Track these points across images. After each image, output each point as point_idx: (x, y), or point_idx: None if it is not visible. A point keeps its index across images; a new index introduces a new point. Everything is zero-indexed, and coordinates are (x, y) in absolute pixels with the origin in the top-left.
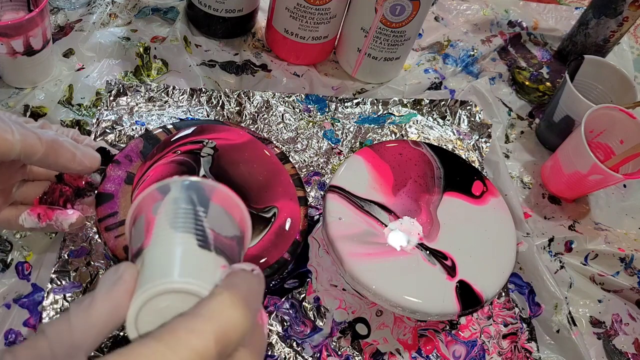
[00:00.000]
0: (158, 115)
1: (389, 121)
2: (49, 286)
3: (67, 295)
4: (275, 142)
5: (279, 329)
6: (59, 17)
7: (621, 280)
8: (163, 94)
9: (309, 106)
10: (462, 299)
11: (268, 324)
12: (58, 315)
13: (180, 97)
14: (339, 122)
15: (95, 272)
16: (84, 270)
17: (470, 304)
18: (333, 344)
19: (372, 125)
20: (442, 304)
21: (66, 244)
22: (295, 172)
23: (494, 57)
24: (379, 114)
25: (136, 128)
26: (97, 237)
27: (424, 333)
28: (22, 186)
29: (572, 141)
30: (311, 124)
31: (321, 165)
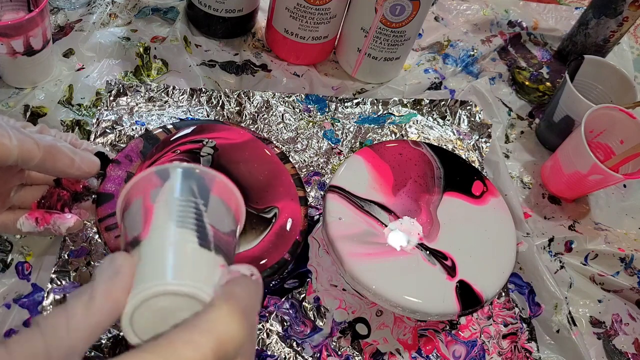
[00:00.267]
0: (158, 115)
1: (389, 121)
2: (49, 286)
3: (67, 295)
4: (275, 142)
5: (279, 329)
6: (59, 17)
7: (621, 280)
8: (163, 94)
9: (309, 106)
10: (462, 299)
11: (268, 323)
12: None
13: (180, 97)
14: (339, 122)
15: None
16: (84, 270)
17: (470, 304)
18: (333, 344)
19: (372, 125)
20: (442, 304)
21: (66, 244)
22: (295, 172)
23: (494, 57)
24: (379, 114)
25: (136, 128)
26: (97, 237)
27: (424, 333)
28: (20, 190)
29: (572, 141)
30: (311, 124)
31: (321, 165)
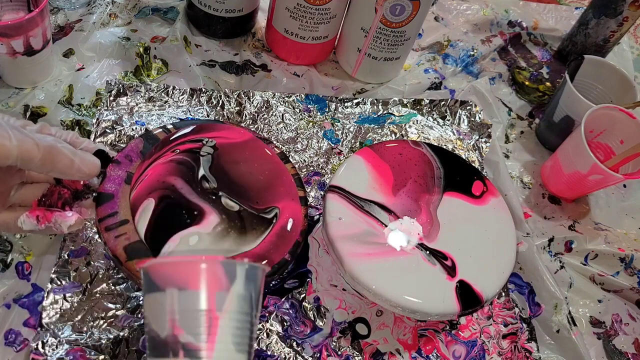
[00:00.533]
0: (158, 115)
1: (389, 121)
2: (49, 286)
3: (67, 295)
4: (275, 142)
5: (279, 329)
6: (59, 17)
7: (621, 280)
8: (163, 94)
9: (309, 106)
10: (462, 299)
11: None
12: (58, 314)
13: (180, 97)
14: (339, 122)
15: (95, 272)
16: (84, 270)
17: (470, 304)
18: (333, 344)
19: (372, 125)
20: (442, 304)
21: (66, 244)
22: (295, 172)
23: (494, 57)
24: (379, 114)
25: (136, 128)
26: (97, 237)
27: (424, 333)
28: (21, 189)
29: (572, 141)
30: (311, 124)
31: (321, 165)
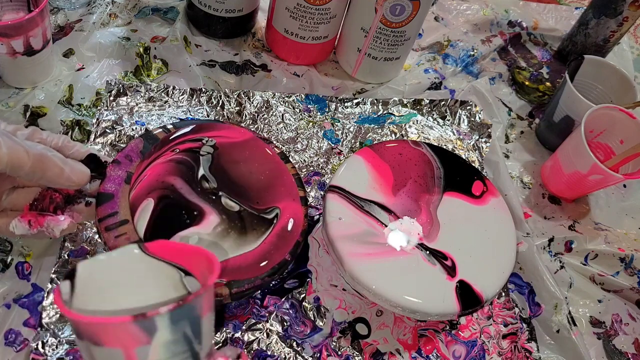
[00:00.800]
0: (158, 115)
1: (389, 121)
2: (49, 286)
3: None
4: (275, 142)
5: (279, 329)
6: (59, 17)
7: (621, 280)
8: (163, 94)
9: (309, 106)
10: (462, 299)
11: (268, 323)
12: (58, 314)
13: (180, 97)
14: (339, 122)
15: None
16: None
17: (470, 304)
18: (333, 344)
19: (372, 125)
20: (442, 304)
21: (66, 244)
22: (295, 172)
23: (494, 57)
24: (379, 114)
25: (136, 128)
26: (97, 237)
27: (424, 333)
28: (12, 193)
29: (572, 141)
30: (311, 124)
31: (321, 165)
